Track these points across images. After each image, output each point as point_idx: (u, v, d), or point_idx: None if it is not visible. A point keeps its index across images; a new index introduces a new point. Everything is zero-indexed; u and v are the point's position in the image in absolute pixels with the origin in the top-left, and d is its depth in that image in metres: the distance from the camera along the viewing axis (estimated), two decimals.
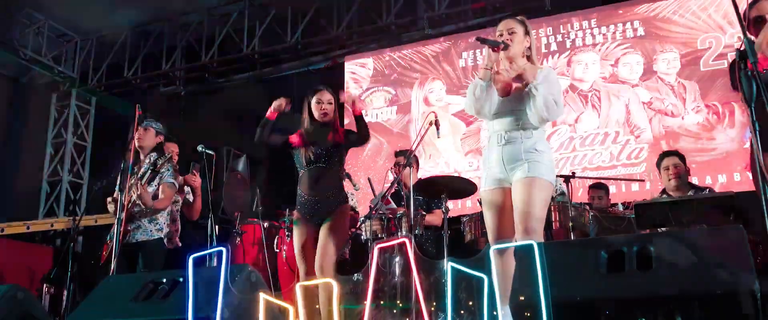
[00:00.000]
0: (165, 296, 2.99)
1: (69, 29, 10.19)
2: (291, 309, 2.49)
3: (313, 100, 4.29)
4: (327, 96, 4.31)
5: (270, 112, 4.22)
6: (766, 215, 2.60)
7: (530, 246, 2.42)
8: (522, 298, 2.39)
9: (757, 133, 2.78)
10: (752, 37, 3.27)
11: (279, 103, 4.22)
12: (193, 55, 9.96)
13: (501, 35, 3.46)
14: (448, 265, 2.36)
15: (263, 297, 2.54)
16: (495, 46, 3.37)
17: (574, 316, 2.38)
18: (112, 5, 9.39)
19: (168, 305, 2.91)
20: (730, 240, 2.37)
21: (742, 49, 2.91)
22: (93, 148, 10.54)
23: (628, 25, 7.32)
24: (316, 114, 4.26)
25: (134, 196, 4.58)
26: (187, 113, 9.91)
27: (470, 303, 3.80)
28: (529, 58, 3.50)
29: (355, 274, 5.10)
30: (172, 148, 5.37)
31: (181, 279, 3.03)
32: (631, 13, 7.36)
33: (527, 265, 2.43)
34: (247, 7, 9.36)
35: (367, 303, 2.54)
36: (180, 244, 5.18)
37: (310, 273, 3.94)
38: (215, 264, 4.51)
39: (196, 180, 5.35)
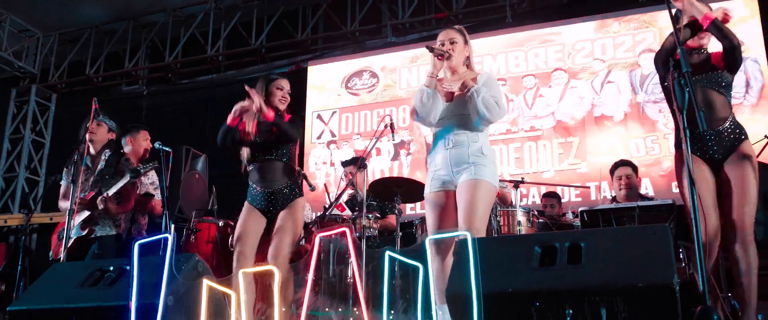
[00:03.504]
0: (112, 283, 3.03)
1: (31, 24, 10.10)
2: (234, 294, 2.54)
3: (273, 88, 4.08)
4: (287, 84, 4.15)
5: (231, 119, 3.98)
6: (693, 212, 2.76)
7: (465, 241, 2.51)
8: (456, 290, 2.48)
9: (688, 139, 2.94)
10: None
11: (240, 107, 3.97)
12: (157, 55, 9.96)
13: (442, 45, 3.60)
14: (386, 254, 2.44)
15: (206, 283, 2.60)
16: (441, 55, 3.50)
17: (506, 307, 2.48)
18: (76, 2, 9.35)
19: (114, 291, 2.95)
20: (654, 238, 2.50)
21: (676, 58, 3.07)
22: (51, 145, 10.43)
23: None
24: (276, 103, 4.06)
25: (100, 207, 4.63)
26: (149, 112, 9.88)
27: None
28: (468, 66, 3.65)
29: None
30: (145, 135, 5.38)
31: (127, 268, 3.07)
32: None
33: (463, 259, 2.53)
34: (213, 9, 9.40)
35: (307, 291, 2.61)
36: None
37: (245, 256, 3.78)
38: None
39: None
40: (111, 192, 4.65)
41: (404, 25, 8.66)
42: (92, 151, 4.87)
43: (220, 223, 5.79)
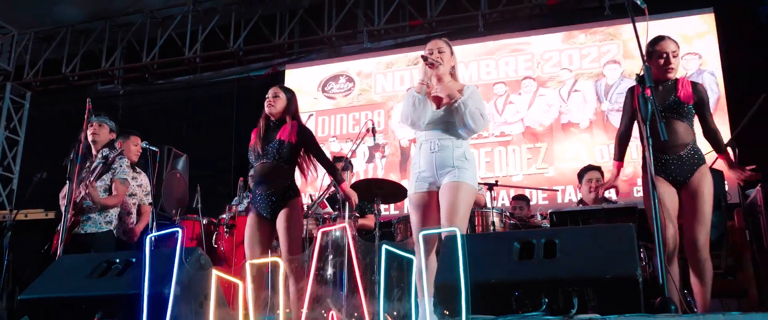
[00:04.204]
0: (119, 273, 3.22)
1: (6, 22, 10.11)
2: (241, 284, 2.76)
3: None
4: (273, 90, 4.45)
5: None
6: (655, 218, 3.08)
7: (454, 236, 2.79)
8: (445, 280, 2.75)
9: (650, 148, 3.27)
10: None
11: None
12: (133, 55, 10.05)
13: (431, 54, 3.86)
14: (383, 248, 2.70)
15: (215, 273, 2.82)
16: (432, 64, 3.77)
17: (489, 296, 2.76)
18: (52, 1, 9.40)
19: (122, 281, 3.14)
20: (620, 236, 2.81)
21: (641, 74, 3.40)
22: (25, 143, 10.45)
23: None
24: (265, 107, 4.39)
25: (83, 193, 4.73)
26: (126, 112, 9.97)
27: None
28: (452, 76, 3.92)
29: None
30: (136, 141, 5.53)
31: (133, 260, 3.28)
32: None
33: (450, 252, 2.80)
34: (191, 11, 9.54)
35: (309, 281, 2.85)
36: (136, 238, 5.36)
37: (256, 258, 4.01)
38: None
39: None
40: (91, 178, 4.75)
41: (379, 32, 8.94)
42: (94, 151, 5.02)
43: (204, 221, 5.98)
